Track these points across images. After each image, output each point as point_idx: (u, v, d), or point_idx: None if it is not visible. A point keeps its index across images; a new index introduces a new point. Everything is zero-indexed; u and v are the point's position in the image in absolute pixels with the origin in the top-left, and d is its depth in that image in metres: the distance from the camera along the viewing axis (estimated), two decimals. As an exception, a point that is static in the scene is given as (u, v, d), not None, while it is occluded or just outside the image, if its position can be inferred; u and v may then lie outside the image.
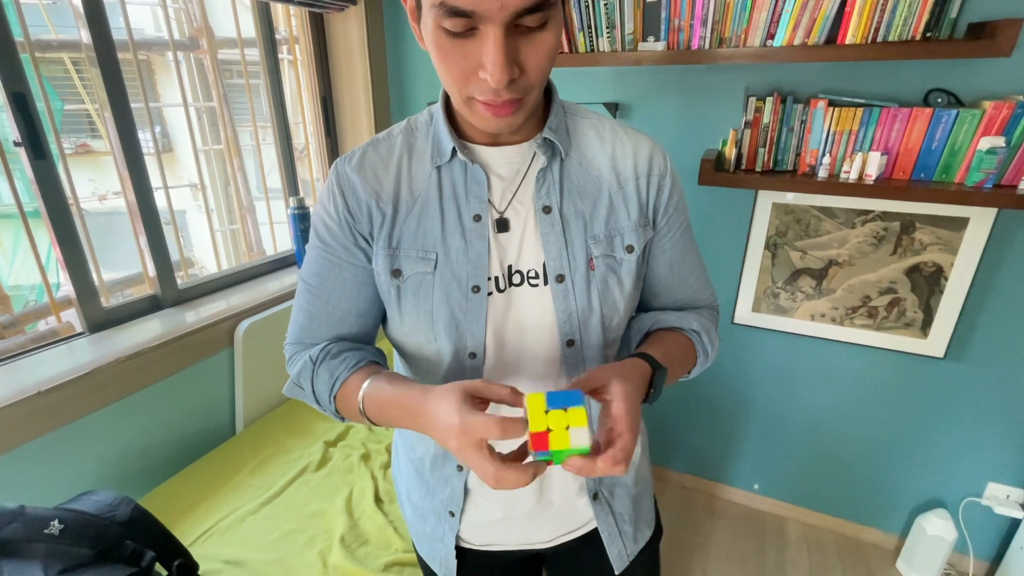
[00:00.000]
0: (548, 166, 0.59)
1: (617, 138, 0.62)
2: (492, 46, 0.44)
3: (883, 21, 1.16)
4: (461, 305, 0.58)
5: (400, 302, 0.60)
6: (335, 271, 0.61)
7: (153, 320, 1.36)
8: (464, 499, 0.67)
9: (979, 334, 1.42)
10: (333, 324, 0.63)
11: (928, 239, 1.38)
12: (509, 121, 0.51)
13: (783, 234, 1.53)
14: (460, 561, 0.71)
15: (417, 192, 0.59)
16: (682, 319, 0.66)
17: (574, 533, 0.72)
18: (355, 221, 0.59)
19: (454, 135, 0.58)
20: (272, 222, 1.94)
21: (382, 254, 0.59)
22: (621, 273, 0.61)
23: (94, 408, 1.15)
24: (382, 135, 0.62)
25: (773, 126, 1.35)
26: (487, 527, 0.69)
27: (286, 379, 0.66)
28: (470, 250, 0.58)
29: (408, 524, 0.78)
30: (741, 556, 1.72)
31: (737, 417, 1.81)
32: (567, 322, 0.59)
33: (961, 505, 1.58)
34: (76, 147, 4.38)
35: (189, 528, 1.12)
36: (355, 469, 1.31)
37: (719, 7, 1.28)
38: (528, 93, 0.50)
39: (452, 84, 0.50)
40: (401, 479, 0.77)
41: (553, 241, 0.59)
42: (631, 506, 0.72)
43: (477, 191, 0.58)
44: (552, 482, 0.67)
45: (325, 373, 0.60)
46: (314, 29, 1.76)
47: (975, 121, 1.17)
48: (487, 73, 0.46)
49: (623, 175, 0.61)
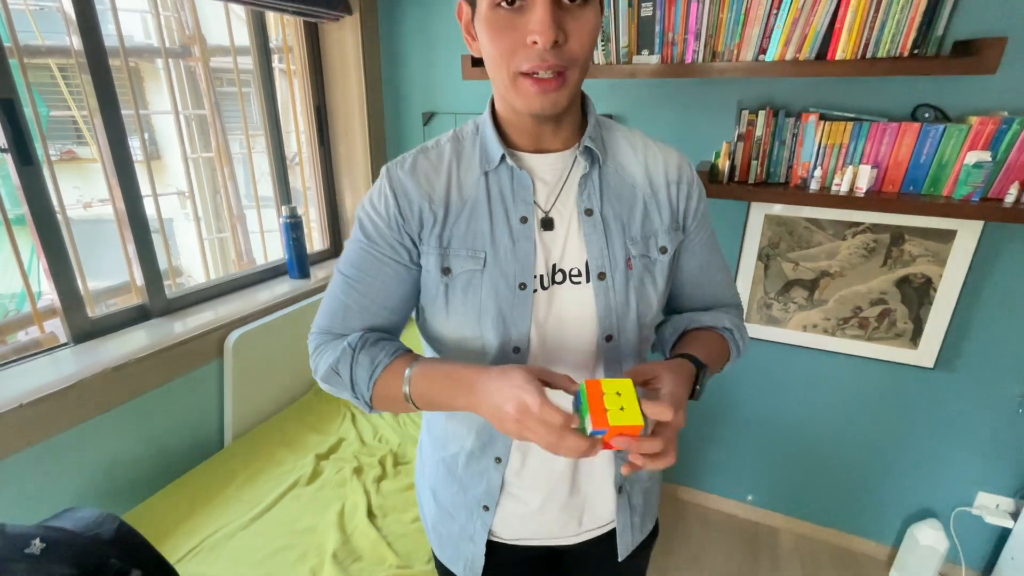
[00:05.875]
0: (589, 172, 0.63)
1: (648, 149, 0.67)
2: (540, 9, 0.50)
3: (872, 38, 1.18)
4: (508, 301, 0.61)
5: (448, 298, 0.62)
6: (376, 266, 0.63)
7: (140, 330, 1.33)
8: (500, 492, 0.70)
9: (968, 345, 1.44)
10: (367, 316, 0.65)
11: (917, 251, 1.41)
12: (553, 98, 0.55)
13: (775, 245, 1.55)
14: (486, 560, 0.73)
15: (466, 196, 0.63)
16: (715, 318, 0.71)
17: (596, 532, 0.75)
18: (405, 222, 0.62)
19: (502, 143, 0.62)
20: (263, 231, 1.92)
21: (433, 253, 0.62)
22: (655, 272, 0.66)
23: (78, 421, 1.12)
24: (430, 143, 0.66)
25: (766, 139, 1.37)
26: (520, 521, 0.72)
27: (277, 390, 0.67)
28: (517, 249, 0.61)
29: (429, 528, 0.79)
30: (735, 567, 1.71)
31: (730, 428, 1.81)
32: (607, 318, 0.63)
33: (952, 515, 1.59)
34: (61, 154, 4.31)
35: (177, 545, 1.09)
36: (347, 483, 1.28)
37: (712, 22, 1.30)
38: (570, 66, 0.54)
39: (501, 62, 0.54)
40: (426, 480, 0.78)
41: (596, 241, 0.63)
42: (643, 500, 0.77)
43: (523, 195, 0.62)
44: (583, 474, 0.71)
45: (366, 359, 0.61)
46: (309, 39, 1.76)
47: (962, 136, 1.20)
48: (535, 34, 0.50)
49: (656, 183, 0.66)
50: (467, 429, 0.69)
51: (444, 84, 1.81)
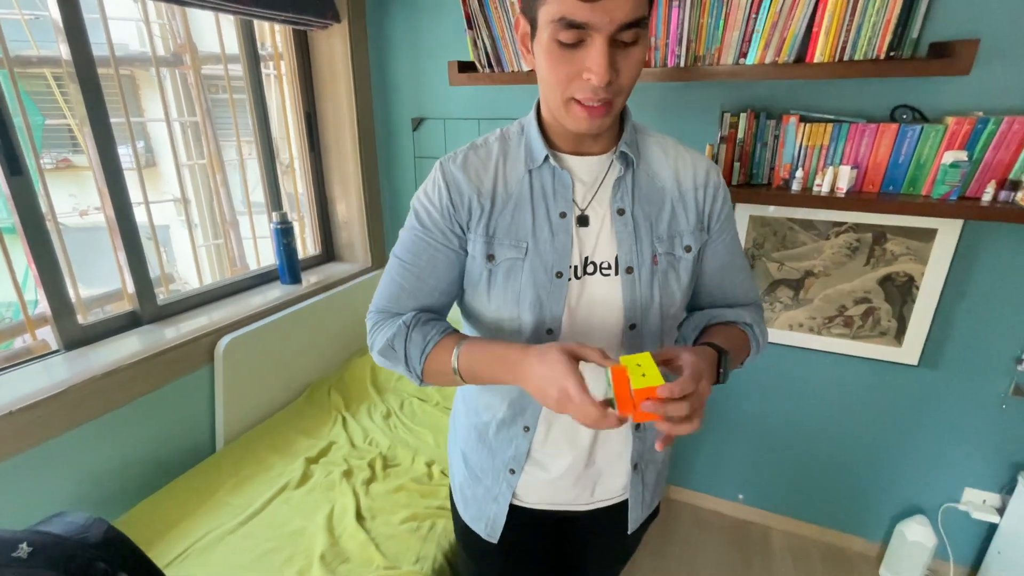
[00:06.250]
0: (623, 175, 0.69)
1: (679, 155, 0.73)
2: (598, 51, 0.55)
3: (849, 41, 1.20)
4: (545, 287, 0.67)
5: (491, 282, 0.69)
6: (429, 251, 0.70)
7: (131, 337, 1.34)
8: (526, 459, 0.77)
9: (951, 342, 1.45)
10: (420, 297, 0.72)
11: (899, 250, 1.42)
12: (600, 122, 0.61)
13: (760, 246, 1.56)
14: (506, 521, 0.80)
15: (511, 191, 0.69)
16: (736, 314, 0.76)
17: (608, 501, 0.82)
18: (456, 211, 0.68)
19: (546, 144, 0.68)
20: (255, 237, 1.94)
21: (479, 241, 0.68)
22: (679, 269, 0.71)
23: (69, 427, 1.13)
24: (479, 141, 0.73)
25: (747, 141, 1.39)
26: (540, 486, 0.79)
27: (268, 395, 0.71)
28: (556, 241, 0.67)
29: (456, 489, 0.87)
30: (727, 566, 1.72)
31: (721, 428, 1.83)
32: (632, 308, 0.69)
33: (940, 511, 1.60)
34: (57, 162, 4.34)
35: (166, 549, 1.10)
36: (337, 486, 1.29)
37: (693, 27, 1.32)
38: (617, 96, 0.60)
39: (556, 87, 0.60)
40: (457, 445, 0.86)
41: (625, 238, 0.69)
42: (655, 479, 0.84)
43: (563, 192, 0.68)
44: (600, 449, 0.77)
45: (419, 336, 0.68)
46: (298, 46, 1.78)
47: (939, 136, 1.22)
48: (592, 74, 0.56)
49: (684, 186, 0.71)
50: (500, 400, 0.75)
51: (433, 90, 1.83)
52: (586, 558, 0.93)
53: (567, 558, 0.93)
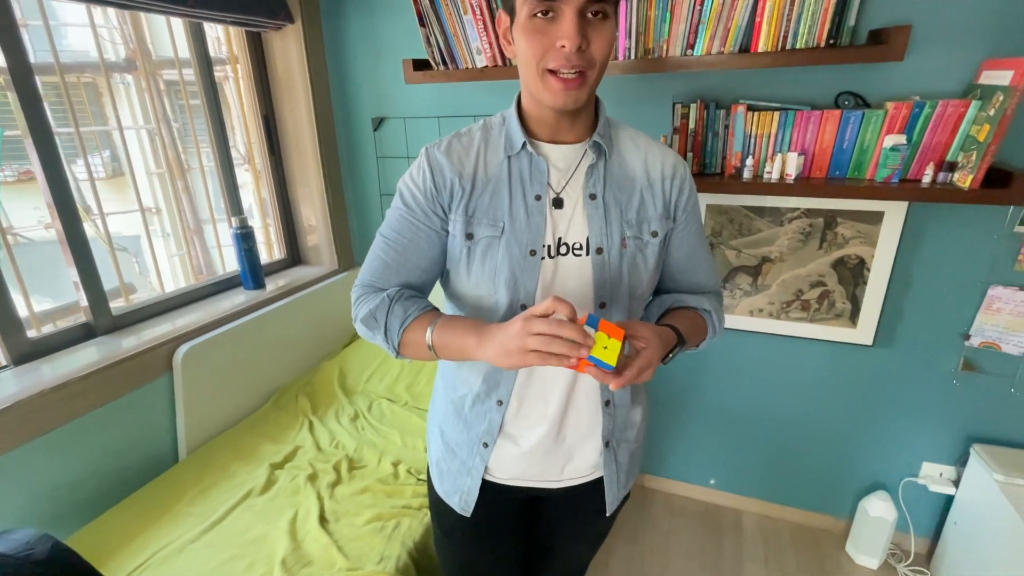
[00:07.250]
0: (596, 163, 0.74)
1: (649, 148, 0.78)
2: (568, 21, 0.62)
3: (790, 30, 1.23)
4: (520, 265, 0.72)
5: (470, 260, 0.74)
6: (412, 230, 0.75)
7: (85, 349, 1.32)
8: (498, 432, 0.80)
9: (903, 321, 1.49)
10: (403, 273, 0.76)
11: (850, 233, 1.45)
12: (576, 95, 0.66)
13: (718, 234, 1.59)
14: (479, 496, 0.83)
15: (491, 175, 0.74)
16: (698, 301, 0.82)
17: (580, 479, 0.85)
18: (438, 193, 0.73)
19: (524, 133, 0.73)
20: (219, 243, 1.91)
21: (460, 221, 0.73)
22: (647, 253, 0.76)
23: (18, 443, 1.11)
24: (463, 130, 0.78)
25: (699, 131, 1.41)
26: (512, 460, 0.82)
27: (232, 402, 0.71)
28: (531, 222, 0.72)
29: (432, 464, 0.90)
30: (700, 550, 1.75)
31: (690, 415, 1.85)
32: (602, 287, 0.74)
33: (900, 486, 1.64)
34: (19, 174, 4.22)
35: (124, 562, 1.08)
36: (301, 490, 1.29)
37: (641, 19, 1.33)
38: (589, 68, 0.65)
39: (533, 60, 0.65)
40: (436, 420, 0.89)
41: (596, 221, 0.73)
42: (628, 459, 0.87)
43: (539, 177, 0.73)
44: (570, 424, 0.81)
45: (400, 310, 0.73)
46: (252, 48, 1.76)
47: (879, 121, 1.25)
48: (564, 40, 0.62)
49: (652, 176, 0.77)
50: (476, 375, 0.79)
51: (391, 89, 1.82)
52: (559, 539, 0.96)
53: (541, 538, 0.97)
